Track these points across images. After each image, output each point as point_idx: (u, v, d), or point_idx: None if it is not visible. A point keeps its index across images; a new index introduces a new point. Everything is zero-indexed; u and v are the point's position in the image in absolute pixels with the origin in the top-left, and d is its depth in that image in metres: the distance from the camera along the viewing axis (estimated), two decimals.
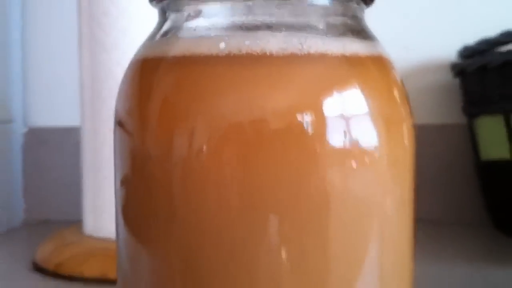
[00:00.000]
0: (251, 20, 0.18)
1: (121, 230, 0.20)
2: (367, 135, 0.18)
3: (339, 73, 0.18)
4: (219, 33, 0.18)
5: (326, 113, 0.17)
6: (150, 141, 0.18)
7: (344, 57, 0.18)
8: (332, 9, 0.18)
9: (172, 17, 0.19)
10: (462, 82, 0.61)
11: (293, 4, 0.18)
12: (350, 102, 0.18)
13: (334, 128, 0.17)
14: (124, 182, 0.20)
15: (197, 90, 0.18)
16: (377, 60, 0.19)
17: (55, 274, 0.47)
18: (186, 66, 0.18)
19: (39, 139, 0.70)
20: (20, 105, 0.70)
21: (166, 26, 0.19)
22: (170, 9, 0.19)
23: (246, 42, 0.17)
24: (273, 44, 0.17)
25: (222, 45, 0.17)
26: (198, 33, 0.18)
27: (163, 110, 0.18)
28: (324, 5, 0.18)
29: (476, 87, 0.58)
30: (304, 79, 0.17)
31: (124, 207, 0.20)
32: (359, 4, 0.19)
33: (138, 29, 0.46)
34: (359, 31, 0.19)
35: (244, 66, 0.17)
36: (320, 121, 0.17)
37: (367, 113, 0.18)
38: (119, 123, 0.20)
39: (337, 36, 0.18)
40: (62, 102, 0.71)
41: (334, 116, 0.17)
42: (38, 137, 0.70)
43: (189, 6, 0.18)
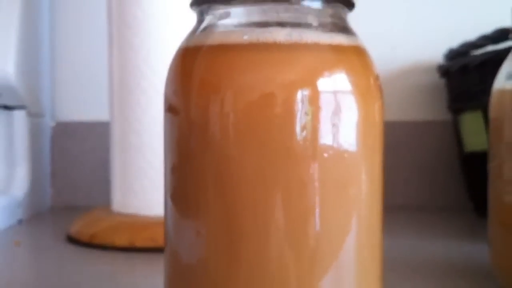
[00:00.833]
0: (265, 19, 0.25)
1: (168, 203, 0.27)
2: (349, 105, 0.25)
3: (328, 57, 0.25)
4: (243, 28, 0.25)
5: (318, 86, 0.24)
6: (192, 109, 0.25)
7: (331, 46, 0.25)
8: (323, 12, 0.25)
9: (208, 17, 0.26)
10: (447, 81, 0.68)
11: (295, 8, 0.25)
12: (336, 79, 0.25)
13: (324, 97, 0.24)
14: (174, 164, 0.26)
15: (226, 69, 0.24)
16: (356, 49, 0.26)
17: (89, 245, 0.53)
18: (219, 52, 0.25)
19: (66, 132, 0.76)
20: (49, 101, 0.75)
21: (204, 24, 0.26)
22: (206, 12, 0.26)
23: (262, 34, 0.24)
24: (280, 36, 0.24)
25: (245, 36, 0.24)
26: (228, 28, 0.25)
27: (202, 85, 0.25)
28: (317, 9, 0.25)
29: (459, 86, 0.64)
30: (302, 61, 0.24)
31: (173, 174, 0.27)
32: (344, 9, 0.26)
33: (162, 31, 0.53)
34: (343, 28, 0.26)
35: (260, 52, 0.24)
36: (314, 91, 0.24)
37: (348, 87, 0.25)
38: (168, 108, 0.26)
39: (326, 31, 0.25)
40: (87, 99, 0.76)
41: (324, 88, 0.24)
42: (65, 130, 0.76)
43: (220, 9, 0.25)
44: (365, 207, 0.26)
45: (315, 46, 0.25)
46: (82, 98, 0.77)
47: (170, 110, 0.27)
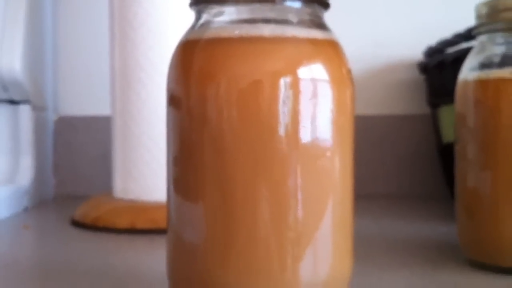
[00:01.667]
0: (253, 16, 0.29)
1: (171, 191, 0.31)
2: (324, 89, 0.29)
3: (305, 49, 0.29)
4: (234, 24, 0.29)
5: (298, 73, 0.28)
6: (192, 95, 0.29)
7: (308, 39, 0.29)
8: (302, 11, 0.30)
9: (204, 15, 0.30)
10: (425, 77, 0.72)
11: (278, 7, 0.29)
12: (313, 67, 0.29)
13: (303, 82, 0.28)
14: (176, 155, 0.30)
15: (220, 59, 0.29)
16: (330, 42, 0.30)
17: (92, 227, 0.57)
18: (214, 45, 0.29)
19: (68, 126, 0.79)
20: (52, 95, 0.79)
21: (201, 21, 0.30)
22: (203, 10, 0.30)
23: (250, 29, 0.29)
24: (266, 31, 0.29)
25: (236, 31, 0.29)
26: (221, 24, 0.30)
27: (199, 74, 0.29)
28: (297, 8, 0.30)
29: (436, 81, 0.69)
30: (284, 52, 0.29)
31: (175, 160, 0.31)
32: (320, 8, 0.31)
33: (161, 27, 0.57)
34: (320, 24, 0.30)
35: (249, 44, 0.29)
36: (294, 78, 0.28)
37: (323, 74, 0.29)
38: (170, 99, 0.30)
39: (305, 27, 0.30)
40: (89, 94, 0.80)
41: (303, 75, 0.29)
42: (67, 123, 0.79)
43: (215, 8, 0.30)
44: (338, 177, 0.30)
45: (295, 39, 0.29)
46: (84, 94, 0.81)
47: (172, 102, 0.31)
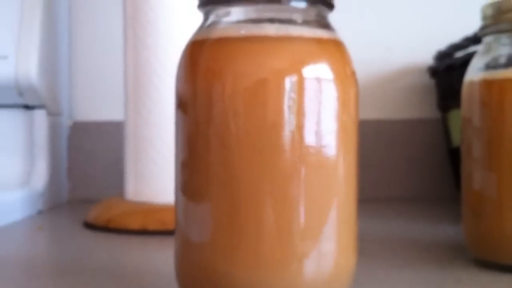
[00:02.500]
0: (259, 16, 0.30)
1: (179, 193, 0.31)
2: (328, 87, 0.30)
3: (310, 48, 0.30)
4: (241, 24, 0.30)
5: (303, 72, 0.29)
6: (199, 92, 0.30)
7: (313, 39, 0.30)
8: (307, 11, 0.31)
9: (212, 16, 0.31)
10: (435, 81, 0.73)
11: (283, 7, 0.30)
12: (317, 65, 0.30)
13: (308, 81, 0.29)
14: (184, 160, 0.31)
15: (227, 58, 0.30)
16: (334, 42, 0.31)
17: (105, 229, 0.58)
18: (221, 44, 0.30)
19: (82, 130, 0.81)
20: (66, 101, 0.80)
21: (208, 21, 0.31)
22: (211, 11, 0.31)
23: (256, 29, 0.30)
24: (271, 30, 0.30)
25: (242, 31, 0.30)
26: (228, 24, 0.30)
27: (207, 71, 0.30)
28: (302, 8, 0.30)
29: (446, 85, 0.69)
30: (288, 51, 0.30)
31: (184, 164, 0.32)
32: (324, 9, 0.32)
33: (173, 32, 0.59)
34: (324, 24, 0.31)
35: (254, 43, 0.29)
36: (299, 77, 0.29)
37: (327, 72, 0.30)
38: (179, 102, 0.31)
39: (310, 27, 0.30)
40: (102, 100, 0.82)
41: (308, 74, 0.29)
42: (81, 128, 0.81)
43: (222, 9, 0.31)
44: (343, 174, 0.31)
45: (300, 39, 0.30)
46: (97, 99, 0.83)
47: (180, 101, 0.32)
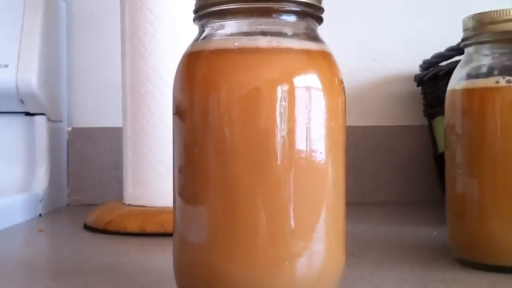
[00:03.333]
0: (251, 29, 0.32)
1: (177, 197, 0.33)
2: (317, 96, 0.32)
3: (299, 59, 0.32)
4: (234, 37, 0.32)
5: (293, 82, 0.31)
6: (196, 101, 0.32)
7: (303, 50, 0.32)
8: (297, 24, 0.33)
9: (207, 29, 0.33)
10: (422, 89, 0.75)
11: (274, 21, 0.32)
12: (306, 76, 0.32)
13: (298, 90, 0.31)
14: (181, 165, 0.32)
15: (221, 69, 0.32)
16: (323, 53, 0.33)
17: (104, 231, 0.59)
18: (216, 56, 0.32)
19: (81, 136, 0.83)
20: (66, 108, 0.82)
21: (204, 34, 0.33)
22: (206, 24, 0.33)
23: (248, 41, 0.32)
24: (263, 42, 0.32)
25: (236, 43, 0.32)
26: (222, 37, 0.33)
27: (202, 82, 0.32)
28: (292, 21, 0.33)
29: (431, 93, 0.71)
30: (280, 63, 0.32)
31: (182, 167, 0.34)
32: (313, 22, 0.34)
33: (169, 44, 0.61)
34: (313, 37, 0.33)
35: (247, 55, 0.31)
36: (290, 86, 0.31)
37: (316, 82, 0.32)
38: (176, 109, 0.33)
39: (299, 39, 0.33)
40: (100, 107, 0.84)
41: (298, 84, 0.31)
42: (80, 134, 0.83)
43: (217, 22, 0.33)
44: (331, 177, 0.33)
45: (290, 50, 0.32)
46: (96, 106, 0.85)
47: (177, 110, 0.33)
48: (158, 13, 0.61)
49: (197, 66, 0.33)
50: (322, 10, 0.34)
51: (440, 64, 0.69)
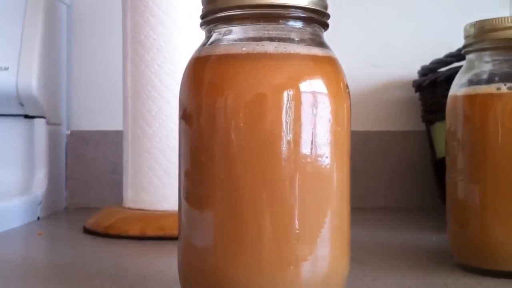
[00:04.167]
0: (258, 35, 0.32)
1: (183, 202, 0.33)
2: (322, 101, 0.32)
3: (306, 65, 0.32)
4: (242, 42, 0.32)
5: (300, 87, 0.32)
6: (203, 105, 0.32)
7: (309, 56, 0.33)
8: (303, 30, 0.33)
9: (214, 34, 0.34)
10: (420, 95, 0.75)
11: (281, 27, 0.32)
12: (312, 81, 0.32)
13: (304, 95, 0.31)
14: (187, 169, 0.33)
15: (229, 74, 0.32)
16: (329, 59, 0.33)
17: (105, 235, 0.59)
18: (223, 61, 0.32)
19: (80, 140, 0.83)
20: (65, 111, 0.83)
21: (211, 39, 0.34)
22: (213, 30, 0.34)
23: (256, 47, 0.32)
24: (270, 48, 0.32)
25: (243, 48, 0.32)
26: (230, 42, 0.33)
27: (210, 87, 0.32)
28: (299, 28, 0.33)
29: (430, 99, 0.72)
30: (287, 68, 0.32)
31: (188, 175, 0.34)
32: (320, 28, 0.34)
33: (171, 48, 0.61)
34: (319, 43, 0.34)
35: (255, 60, 0.32)
36: (296, 91, 0.31)
37: (322, 87, 0.32)
38: (183, 114, 0.33)
39: (306, 45, 0.33)
40: (99, 110, 0.84)
41: (304, 89, 0.32)
42: (79, 138, 0.83)
43: (224, 28, 0.33)
44: (336, 182, 0.33)
45: (297, 56, 0.32)
46: (95, 110, 0.85)
47: (184, 114, 0.33)
48: (160, 18, 0.61)
49: (204, 71, 0.33)
50: (328, 16, 0.34)
51: (438, 70, 0.70)
